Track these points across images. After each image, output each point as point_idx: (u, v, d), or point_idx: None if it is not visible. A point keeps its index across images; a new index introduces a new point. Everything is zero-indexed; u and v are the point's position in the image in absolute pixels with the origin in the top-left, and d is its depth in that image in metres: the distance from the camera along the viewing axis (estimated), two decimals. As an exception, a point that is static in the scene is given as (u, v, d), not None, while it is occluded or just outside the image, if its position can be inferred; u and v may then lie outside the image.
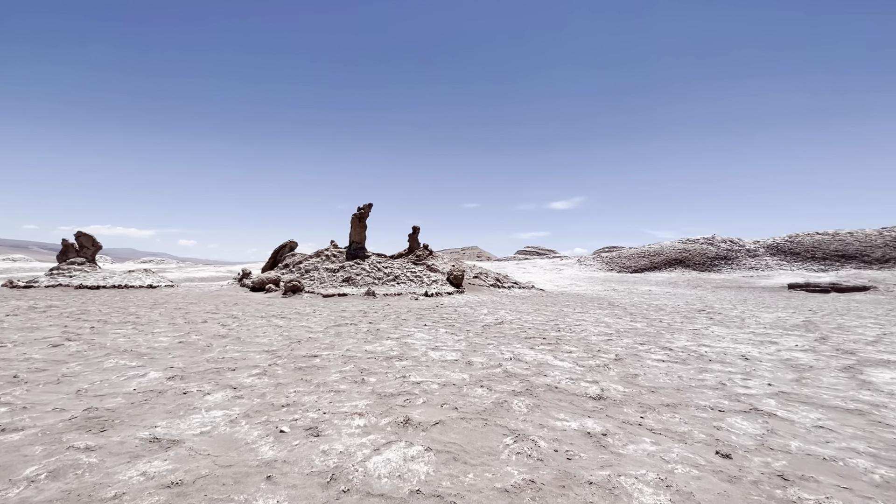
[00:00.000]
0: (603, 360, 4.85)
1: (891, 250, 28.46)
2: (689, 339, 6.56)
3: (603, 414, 3.06)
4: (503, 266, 39.83)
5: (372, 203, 17.09)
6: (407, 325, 7.23)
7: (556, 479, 2.08)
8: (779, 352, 5.59)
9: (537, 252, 66.81)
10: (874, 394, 3.70)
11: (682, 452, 2.42)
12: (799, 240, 32.89)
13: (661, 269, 33.65)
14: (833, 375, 4.35)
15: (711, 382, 3.98)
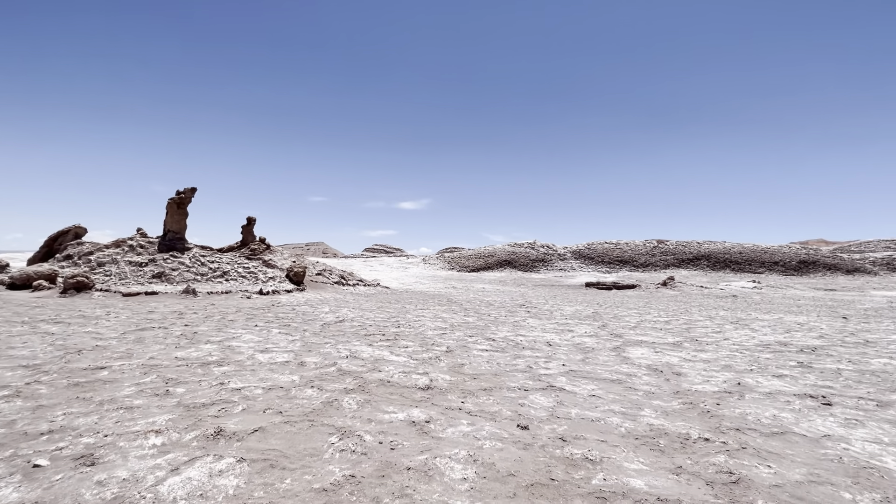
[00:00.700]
0: (436, 352, 5.17)
1: (650, 257, 37.59)
2: (509, 330, 7.48)
3: (429, 403, 3.26)
4: (350, 263, 39.15)
5: (195, 188, 14.83)
6: (234, 327, 6.48)
7: (377, 470, 2.12)
8: (573, 338, 6.80)
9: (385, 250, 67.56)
10: (630, 366, 4.80)
11: (492, 429, 2.73)
12: (594, 247, 40.81)
13: (493, 268, 37.67)
14: (606, 354, 5.50)
15: (522, 366, 4.61)
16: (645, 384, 4.04)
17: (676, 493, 1.98)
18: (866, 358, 5.63)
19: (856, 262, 36.57)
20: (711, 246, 39.02)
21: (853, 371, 4.80)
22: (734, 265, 36.08)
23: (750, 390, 3.90)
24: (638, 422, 2.98)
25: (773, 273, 34.77)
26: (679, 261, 37.28)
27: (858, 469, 2.32)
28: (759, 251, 37.53)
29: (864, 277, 34.33)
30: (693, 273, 34.67)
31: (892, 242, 49.69)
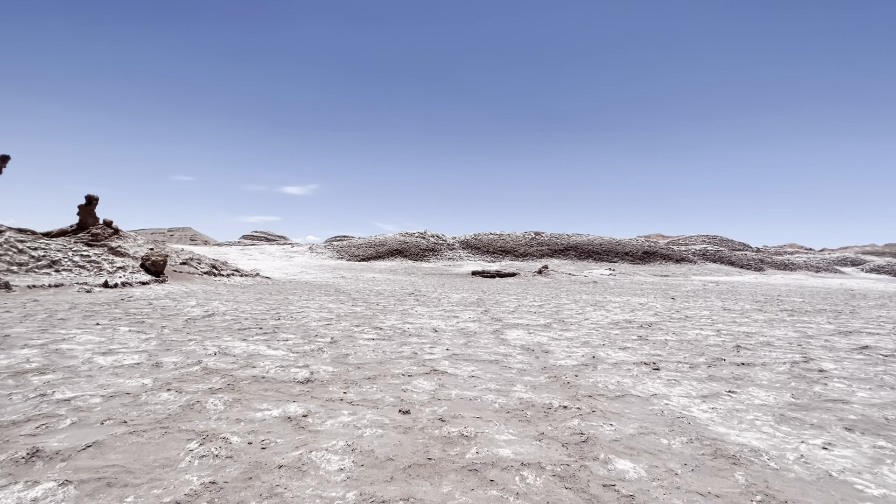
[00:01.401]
0: (319, 344, 4.96)
1: (528, 248, 41.10)
2: (397, 318, 7.52)
3: (308, 396, 3.11)
4: (224, 252, 35.38)
5: (7, 155, 11.87)
6: (65, 326, 5.38)
7: (243, 473, 1.95)
8: (458, 323, 7.11)
9: (266, 238, 62.52)
10: (506, 347, 5.20)
11: (373, 417, 2.71)
12: (480, 238, 43.15)
13: (384, 258, 37.48)
14: (487, 338, 5.87)
15: (407, 353, 4.67)
16: (518, 363, 4.41)
17: (538, 457, 2.20)
18: (685, 330, 6.94)
19: (682, 252, 44.77)
20: (579, 238, 44.14)
21: (676, 341, 5.87)
22: (595, 255, 41.39)
23: (601, 362, 4.52)
24: (510, 397, 3.24)
25: (624, 262, 40.77)
26: (553, 251, 41.44)
27: (674, 419, 2.85)
28: (615, 243, 43.62)
29: (688, 265, 42.30)
30: (564, 262, 38.88)
31: (706, 237, 62.02)
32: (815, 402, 3.26)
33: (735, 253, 48.64)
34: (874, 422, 2.87)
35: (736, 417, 2.91)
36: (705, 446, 2.40)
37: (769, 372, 4.19)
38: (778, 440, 2.53)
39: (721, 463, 2.20)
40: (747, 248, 57.01)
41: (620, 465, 2.13)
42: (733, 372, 4.17)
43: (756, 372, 4.19)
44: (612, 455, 2.24)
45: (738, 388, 3.60)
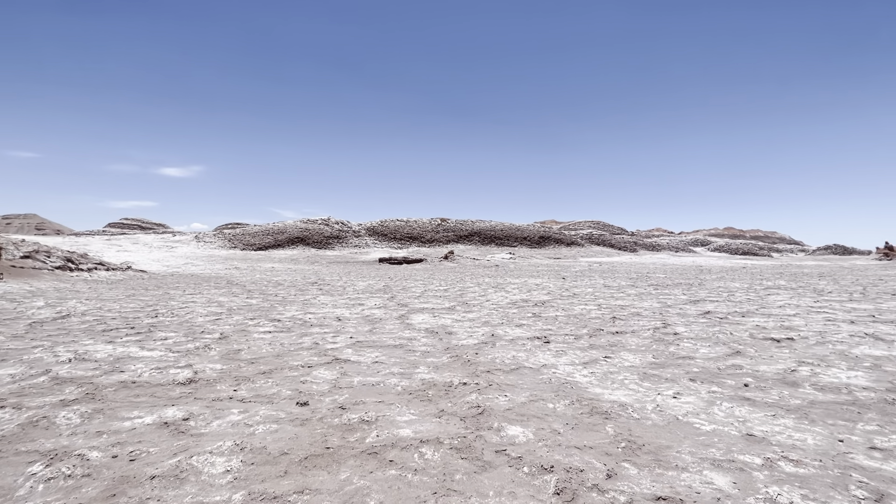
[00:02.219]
0: (206, 341, 4.51)
1: (435, 234, 41.83)
2: (298, 308, 7.15)
3: (191, 398, 2.82)
4: (85, 243, 30.19)
5: None
6: None
7: (105, 490, 1.70)
8: (363, 311, 7.00)
9: (140, 226, 54.77)
10: (411, 332, 5.25)
11: (267, 412, 2.56)
12: (387, 224, 42.76)
13: (284, 246, 35.25)
14: (392, 323, 5.86)
15: (308, 344, 4.47)
16: (423, 346, 4.48)
17: (436, 433, 2.27)
18: (572, 306, 7.69)
19: (572, 237, 49.30)
20: (482, 224, 46.08)
21: (564, 316, 6.48)
22: (497, 240, 43.67)
23: (500, 339, 4.80)
24: (413, 379, 3.28)
25: (523, 246, 43.67)
26: (458, 237, 42.73)
27: (559, 385, 3.15)
28: (514, 229, 46.42)
29: (577, 248, 46.80)
30: (468, 247, 40.36)
31: (592, 223, 69.06)
32: (670, 360, 3.85)
33: (615, 237, 54.91)
34: (711, 372, 3.47)
35: (609, 379, 3.31)
36: (584, 406, 2.69)
37: (637, 338, 4.83)
38: (640, 395, 2.94)
39: (596, 419, 2.49)
40: (624, 233, 64.92)
41: (512, 431, 2.29)
42: (609, 340, 4.73)
43: (627, 339, 4.80)
44: (504, 423, 2.40)
45: (613, 354, 4.10)
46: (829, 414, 2.55)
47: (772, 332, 5.09)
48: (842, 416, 2.52)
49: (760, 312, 6.75)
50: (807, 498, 1.64)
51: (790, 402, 2.78)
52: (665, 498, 1.64)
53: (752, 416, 2.52)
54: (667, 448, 2.10)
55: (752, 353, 4.05)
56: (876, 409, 2.62)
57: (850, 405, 2.69)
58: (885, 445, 2.12)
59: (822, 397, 2.85)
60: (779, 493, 1.67)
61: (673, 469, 1.88)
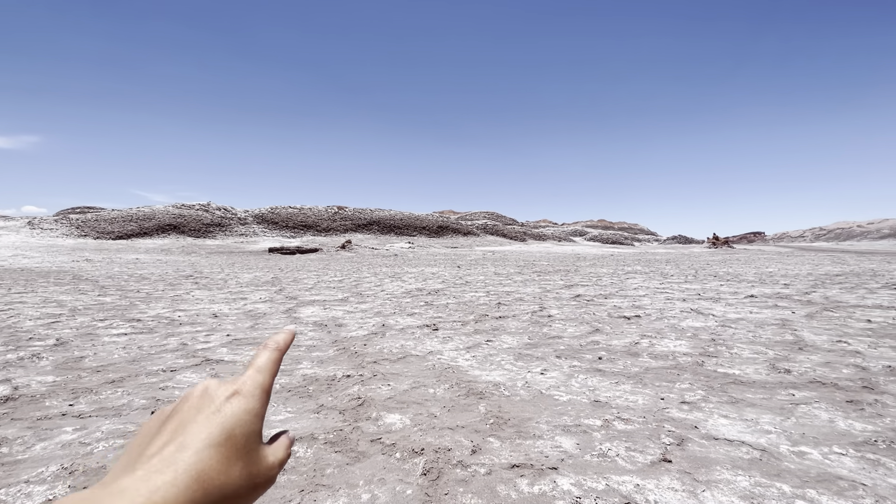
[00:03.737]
0: (35, 349, 3.77)
1: (332, 222, 40.27)
2: (165, 305, 6.34)
3: (7, 419, 2.34)
4: None
5: None
6: None
7: None
8: (245, 305, 6.47)
9: (-52, 209, 43.47)
10: (298, 326, 5.01)
11: (112, 427, 2.24)
12: (278, 212, 39.94)
13: (152, 235, 30.86)
14: (278, 318, 5.53)
15: (173, 345, 4.00)
16: (309, 339, 4.31)
17: (312, 429, 2.21)
18: (464, 293, 8.04)
19: (469, 227, 51.40)
20: (381, 213, 45.60)
21: (455, 304, 6.75)
22: (397, 229, 43.65)
23: (390, 329, 4.83)
24: (294, 376, 3.15)
25: (422, 236, 44.32)
26: (356, 225, 41.71)
27: (442, 370, 3.29)
28: (413, 218, 46.83)
29: (473, 238, 48.98)
30: (367, 236, 39.68)
31: (487, 213, 72.76)
32: (543, 341, 4.26)
33: (507, 227, 58.63)
34: (574, 349, 3.93)
35: (489, 361, 3.55)
36: (462, 388, 2.85)
37: (517, 321, 5.25)
38: (513, 373, 3.21)
39: (471, 400, 2.66)
40: (516, 223, 69.72)
41: (390, 419, 2.34)
42: (493, 325, 5.06)
43: (508, 322, 5.19)
44: (383, 412, 2.44)
45: (494, 338, 4.40)
46: (657, 377, 3.07)
47: (625, 311, 5.93)
48: (666, 378, 3.05)
49: (619, 294, 7.81)
50: (630, 449, 1.97)
51: (631, 370, 3.27)
52: (519, 465, 1.82)
53: (601, 385, 2.92)
54: (528, 420, 2.33)
55: (609, 330, 4.67)
56: (690, 370, 3.22)
57: (673, 369, 3.26)
58: (692, 399, 2.62)
59: (654, 364, 3.41)
60: (609, 447, 1.97)
61: (531, 438, 2.10)
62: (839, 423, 2.23)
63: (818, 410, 2.40)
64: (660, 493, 1.62)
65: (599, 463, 1.86)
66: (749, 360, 3.41)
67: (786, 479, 1.72)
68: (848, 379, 2.92)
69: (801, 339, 4.10)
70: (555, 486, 1.67)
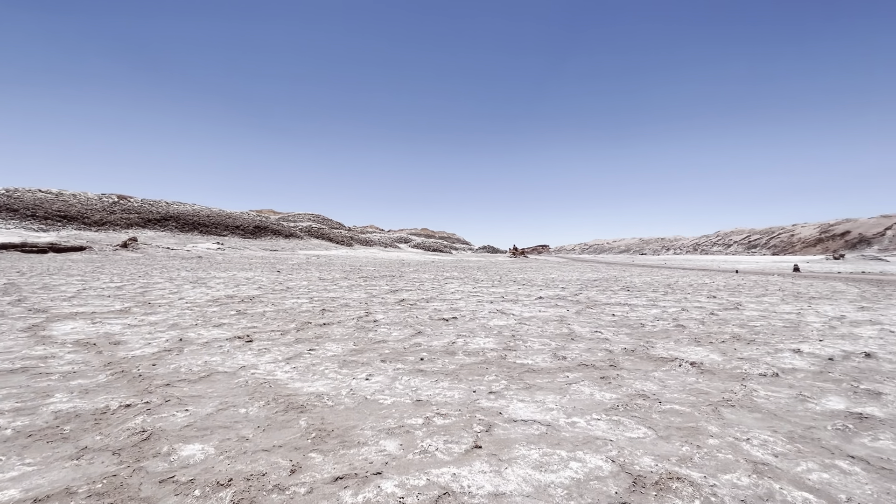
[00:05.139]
0: None
1: (108, 215, 32.18)
2: None
3: None
4: None
5: None
6: None
7: None
8: (-49, 323, 4.59)
9: None
10: (49, 347, 3.81)
11: None
12: (21, 196, 29.82)
13: None
14: (12, 338, 4.09)
15: None
16: (66, 364, 3.32)
17: (69, 480, 1.69)
18: (284, 300, 7.44)
19: (291, 228, 48.09)
20: (181, 208, 38.70)
21: (273, 311, 6.18)
22: (202, 227, 37.67)
23: (190, 343, 4.10)
24: (39, 414, 2.37)
25: (234, 236, 39.32)
26: (145, 220, 34.34)
27: (257, 387, 2.95)
28: (224, 216, 41.26)
29: (296, 240, 45.93)
30: (160, 234, 33.06)
31: (312, 216, 69.46)
32: (368, 346, 4.25)
33: (334, 231, 57.10)
34: (398, 352, 4.04)
35: (311, 371, 3.35)
36: (280, 404, 2.61)
37: (342, 328, 5.12)
38: (338, 382, 3.10)
39: (291, 415, 2.46)
40: (342, 227, 68.43)
41: (187, 451, 1.97)
42: (316, 332, 4.82)
43: (333, 329, 5.02)
44: (179, 444, 2.04)
45: (318, 346, 4.19)
46: (471, 372, 3.40)
47: (444, 313, 6.42)
48: (477, 372, 3.41)
49: (439, 298, 8.42)
50: (448, 441, 2.12)
51: (449, 367, 3.55)
52: (343, 476, 1.76)
53: (423, 385, 3.07)
54: (353, 428, 2.28)
55: (430, 332, 4.97)
56: (496, 363, 3.68)
57: (483, 364, 3.67)
58: (497, 389, 2.99)
59: (468, 360, 3.77)
60: (430, 443, 2.09)
61: (355, 446, 2.06)
62: (596, 395, 2.87)
63: (583, 387, 3.04)
64: (472, 478, 1.79)
65: (421, 460, 1.94)
66: (539, 351, 4.10)
67: (564, 446, 2.11)
68: (601, 360, 3.80)
69: (573, 331, 5.14)
70: (379, 492, 1.67)
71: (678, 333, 5.05)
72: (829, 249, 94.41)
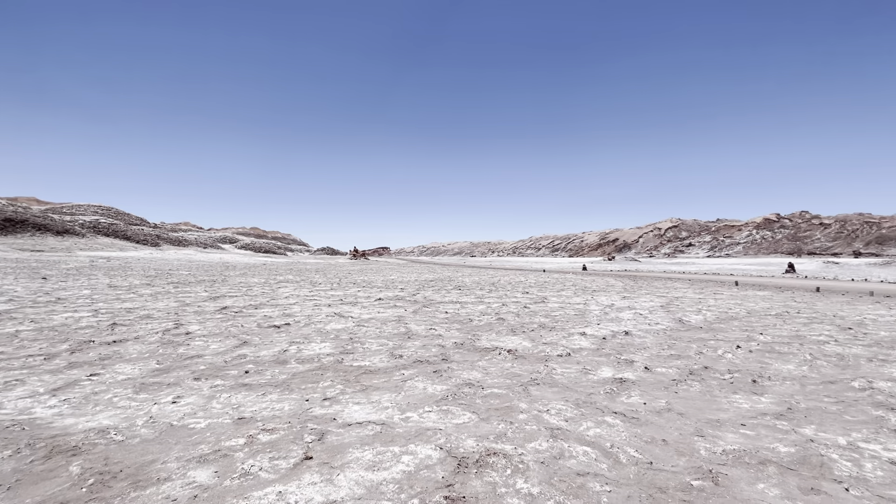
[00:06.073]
0: None
1: None
2: None
3: None
4: None
5: None
6: None
7: None
8: None
9: None
10: None
11: None
12: None
13: None
14: None
15: None
16: None
17: None
18: (52, 315, 5.77)
19: (67, 223, 37.72)
20: None
21: (34, 330, 4.73)
22: None
23: None
24: None
25: (-31, 232, 28.76)
26: None
27: (2, 430, 2.21)
28: (-48, 204, 29.88)
29: (75, 238, 36.10)
30: None
31: (100, 208, 55.80)
32: (177, 363, 3.61)
33: (132, 227, 47.03)
34: (217, 366, 3.54)
35: (92, 402, 2.67)
36: (40, 450, 2.00)
37: (141, 344, 4.23)
38: (132, 410, 2.55)
39: (57, 461, 1.91)
40: (145, 223, 56.70)
41: None
42: (102, 352, 3.87)
43: (128, 347, 4.11)
44: None
45: (104, 369, 3.37)
46: (304, 380, 3.20)
47: (276, 319, 5.91)
48: (312, 380, 3.23)
49: (271, 304, 7.72)
50: (274, 458, 1.95)
51: (279, 377, 3.27)
52: (134, 525, 1.45)
53: (247, 400, 2.76)
54: (151, 464, 1.89)
55: (257, 341, 4.50)
56: (332, 368, 3.55)
57: (318, 370, 3.50)
58: (332, 394, 2.89)
59: (302, 368, 3.54)
60: (253, 464, 1.88)
61: (153, 485, 1.71)
62: (429, 389, 3.03)
63: (418, 382, 3.18)
64: (301, 492, 1.68)
65: (241, 484, 1.73)
66: (376, 352, 4.12)
67: (397, 441, 2.16)
68: (435, 355, 4.03)
69: (410, 330, 5.33)
70: (184, 532, 1.42)
71: (499, 326, 5.72)
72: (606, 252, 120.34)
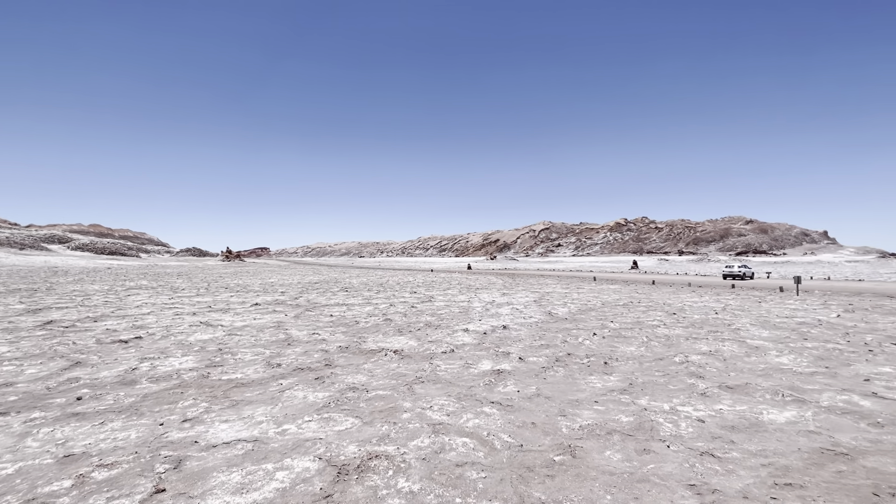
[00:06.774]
0: None
1: None
2: None
3: None
4: None
5: None
6: None
7: None
8: None
9: None
10: None
11: None
12: None
13: None
14: None
15: None
16: None
17: None
18: None
19: None
20: None
21: None
22: None
23: None
24: None
25: None
26: None
27: None
28: None
29: None
30: None
31: None
32: (-27, 396, 2.84)
33: None
34: (36, 396, 2.88)
35: None
36: None
37: (-86, 375, 3.23)
38: None
39: None
40: (-73, 219, 43.34)
41: None
42: None
43: None
44: None
45: None
46: (158, 402, 2.77)
47: (122, 333, 5.03)
48: (168, 400, 2.82)
49: (116, 314, 6.55)
50: (113, 498, 1.65)
51: (125, 401, 2.78)
52: None
53: (77, 433, 2.29)
54: (-76, 531, 1.45)
55: (96, 361, 3.78)
56: (195, 385, 3.14)
57: (177, 388, 3.07)
58: (195, 414, 2.56)
59: (156, 388, 3.07)
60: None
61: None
62: (310, 397, 2.87)
63: (297, 391, 2.99)
64: (149, 533, 1.44)
65: (65, 536, 1.42)
66: (250, 363, 3.76)
67: (271, 458, 2.00)
68: (317, 361, 3.84)
69: (290, 336, 4.99)
70: None
71: (386, 326, 5.69)
72: (489, 252, 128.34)
